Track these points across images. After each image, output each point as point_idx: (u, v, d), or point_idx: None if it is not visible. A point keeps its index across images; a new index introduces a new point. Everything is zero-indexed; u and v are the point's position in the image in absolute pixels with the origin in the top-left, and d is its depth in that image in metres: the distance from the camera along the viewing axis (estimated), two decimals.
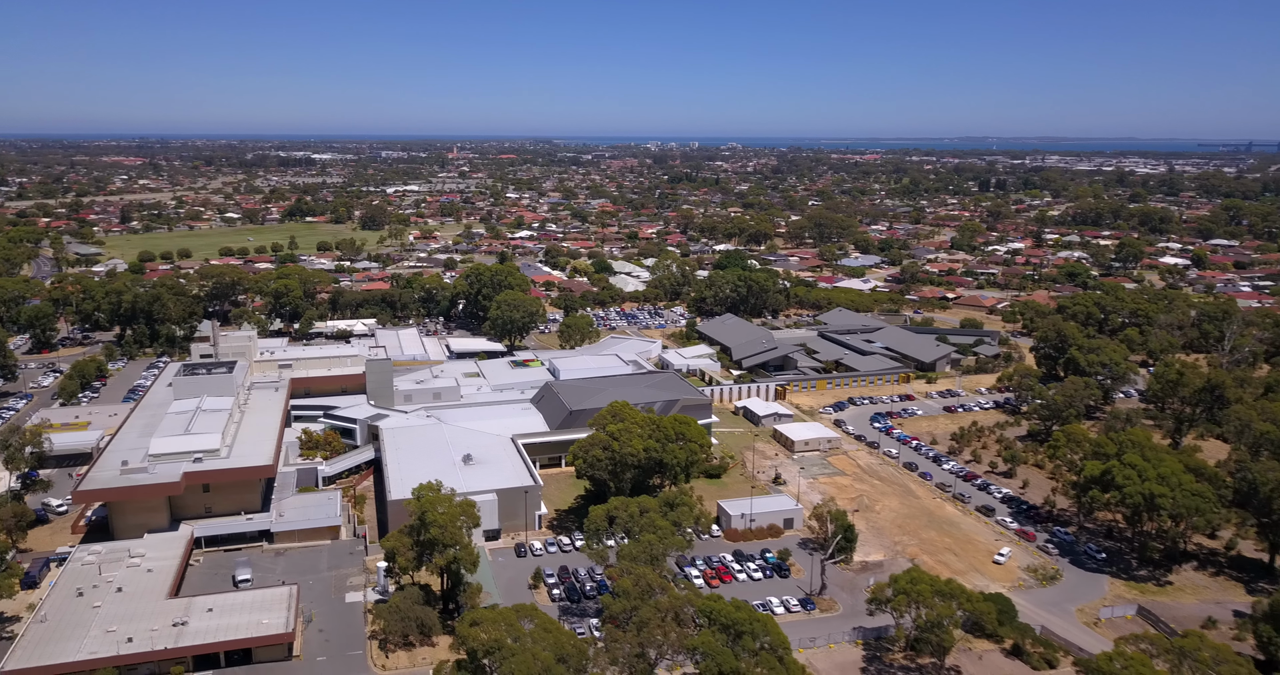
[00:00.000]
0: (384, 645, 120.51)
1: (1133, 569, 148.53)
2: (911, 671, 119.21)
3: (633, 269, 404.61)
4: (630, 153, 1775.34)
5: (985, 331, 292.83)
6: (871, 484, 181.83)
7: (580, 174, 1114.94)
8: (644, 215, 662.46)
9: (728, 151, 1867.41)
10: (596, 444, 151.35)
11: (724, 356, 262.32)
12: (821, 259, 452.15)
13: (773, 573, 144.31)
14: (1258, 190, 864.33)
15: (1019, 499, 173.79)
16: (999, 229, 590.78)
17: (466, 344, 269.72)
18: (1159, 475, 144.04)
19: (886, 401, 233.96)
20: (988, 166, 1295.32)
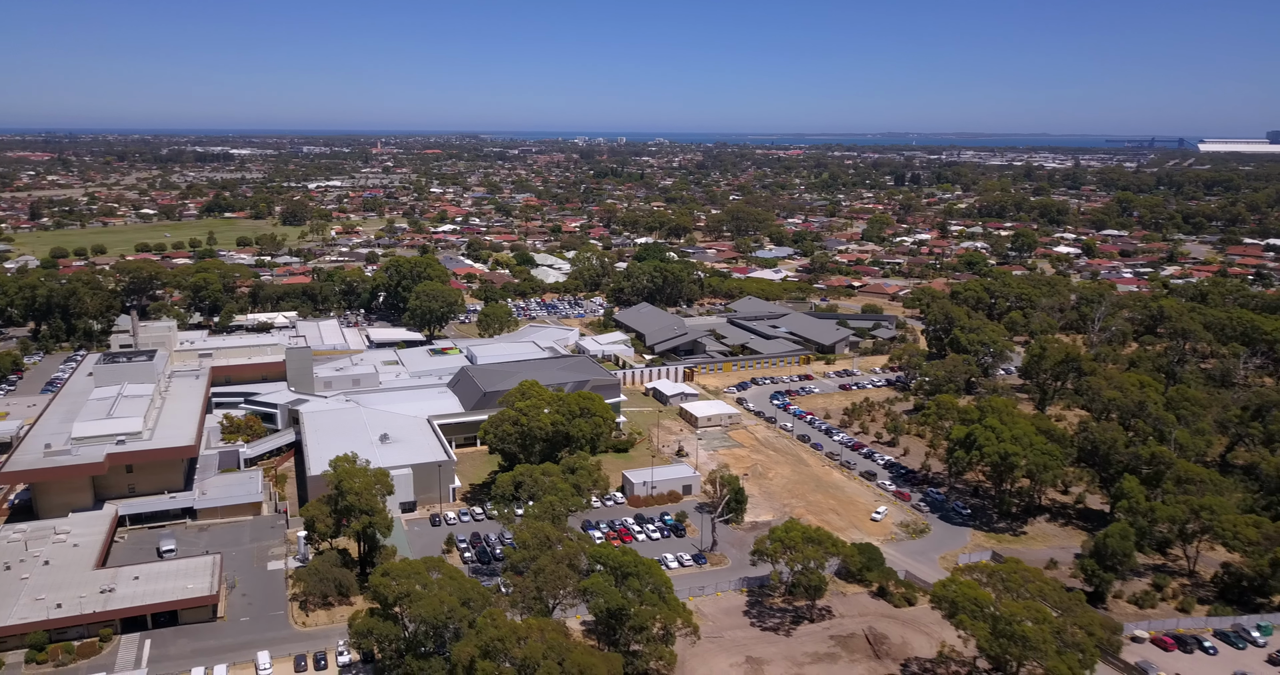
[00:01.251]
0: (304, 605, 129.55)
1: (993, 522, 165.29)
2: (788, 612, 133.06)
3: (555, 261, 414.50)
4: (558, 148, 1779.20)
5: (883, 316, 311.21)
6: (767, 454, 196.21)
7: (506, 169, 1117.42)
8: (568, 209, 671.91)
9: (655, 147, 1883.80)
10: (506, 420, 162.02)
11: (638, 343, 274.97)
12: (737, 251, 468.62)
13: (670, 533, 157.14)
14: (1152, 184, 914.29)
15: (899, 464, 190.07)
16: (909, 221, 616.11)
17: (386, 334, 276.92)
18: (1014, 436, 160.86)
19: (787, 381, 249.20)
20: (905, 161, 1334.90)
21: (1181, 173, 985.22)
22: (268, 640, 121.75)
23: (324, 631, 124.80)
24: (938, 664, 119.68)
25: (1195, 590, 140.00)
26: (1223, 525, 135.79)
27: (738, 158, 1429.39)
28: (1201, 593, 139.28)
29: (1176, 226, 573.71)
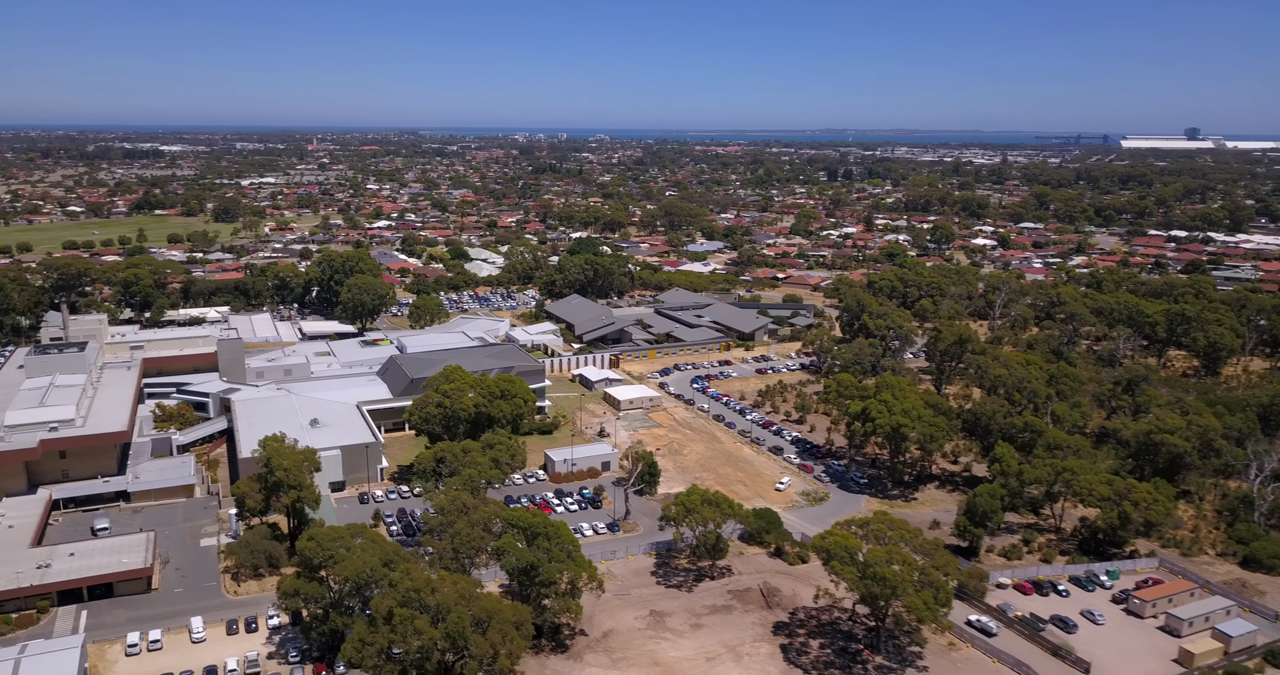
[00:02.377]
0: (236, 576, 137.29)
1: (888, 490, 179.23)
2: (691, 572, 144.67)
3: (489, 255, 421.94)
4: (497, 144, 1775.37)
5: (802, 305, 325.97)
6: (684, 433, 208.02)
7: (445, 165, 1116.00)
8: (505, 205, 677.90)
9: (595, 143, 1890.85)
10: (431, 402, 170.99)
11: (568, 333, 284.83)
12: (669, 245, 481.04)
13: (587, 505, 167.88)
14: (1072, 179, 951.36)
15: (805, 440, 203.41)
16: (837, 216, 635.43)
17: (319, 327, 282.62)
18: (904, 410, 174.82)
19: (707, 366, 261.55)
20: (840, 157, 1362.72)
21: (1100, 168, 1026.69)
22: (201, 608, 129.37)
23: (255, 599, 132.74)
24: (823, 611, 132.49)
25: (1059, 544, 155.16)
26: (1081, 484, 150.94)
27: (677, 154, 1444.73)
28: (1064, 545, 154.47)
29: (1088, 219, 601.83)
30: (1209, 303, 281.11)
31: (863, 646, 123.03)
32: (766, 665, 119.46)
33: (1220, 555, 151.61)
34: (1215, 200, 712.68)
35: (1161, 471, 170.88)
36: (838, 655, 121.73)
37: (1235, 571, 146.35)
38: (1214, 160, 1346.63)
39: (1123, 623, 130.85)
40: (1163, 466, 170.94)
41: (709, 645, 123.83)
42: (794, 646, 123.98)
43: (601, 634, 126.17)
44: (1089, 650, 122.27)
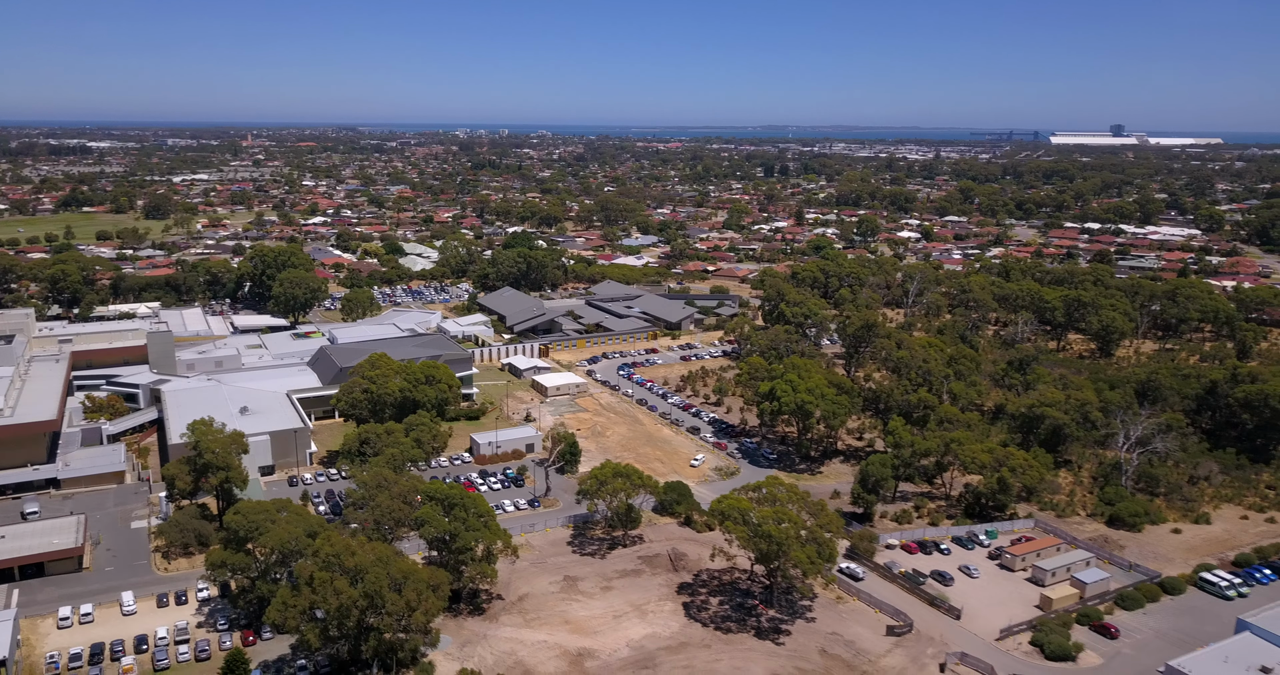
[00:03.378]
0: (166, 555, 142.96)
1: (795, 464, 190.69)
2: (605, 541, 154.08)
3: (424, 250, 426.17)
4: (438, 140, 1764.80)
5: (728, 296, 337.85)
6: (608, 417, 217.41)
7: (383, 161, 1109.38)
8: (443, 201, 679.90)
9: (536, 139, 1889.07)
10: (357, 387, 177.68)
11: (499, 324, 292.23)
12: (604, 239, 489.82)
13: (510, 484, 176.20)
14: (999, 174, 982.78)
15: (721, 421, 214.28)
16: (770, 210, 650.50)
17: (250, 321, 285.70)
18: (808, 389, 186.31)
19: (635, 355, 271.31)
20: (779, 153, 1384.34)
21: (1025, 164, 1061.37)
22: (132, 584, 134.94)
23: (185, 575, 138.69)
24: (724, 572, 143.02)
25: (948, 509, 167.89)
26: (965, 453, 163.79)
27: (618, 150, 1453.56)
28: (952, 511, 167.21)
29: (1009, 213, 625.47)
30: (1105, 289, 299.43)
31: (758, 602, 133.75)
32: (669, 620, 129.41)
33: (1091, 515, 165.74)
34: (1130, 194, 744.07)
35: (1045, 442, 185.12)
36: (734, 610, 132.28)
37: (1102, 529, 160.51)
38: (1135, 156, 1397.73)
39: (995, 575, 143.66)
40: (1046, 437, 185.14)
41: (617, 605, 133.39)
42: (695, 604, 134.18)
43: (517, 598, 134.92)
44: (963, 599, 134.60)
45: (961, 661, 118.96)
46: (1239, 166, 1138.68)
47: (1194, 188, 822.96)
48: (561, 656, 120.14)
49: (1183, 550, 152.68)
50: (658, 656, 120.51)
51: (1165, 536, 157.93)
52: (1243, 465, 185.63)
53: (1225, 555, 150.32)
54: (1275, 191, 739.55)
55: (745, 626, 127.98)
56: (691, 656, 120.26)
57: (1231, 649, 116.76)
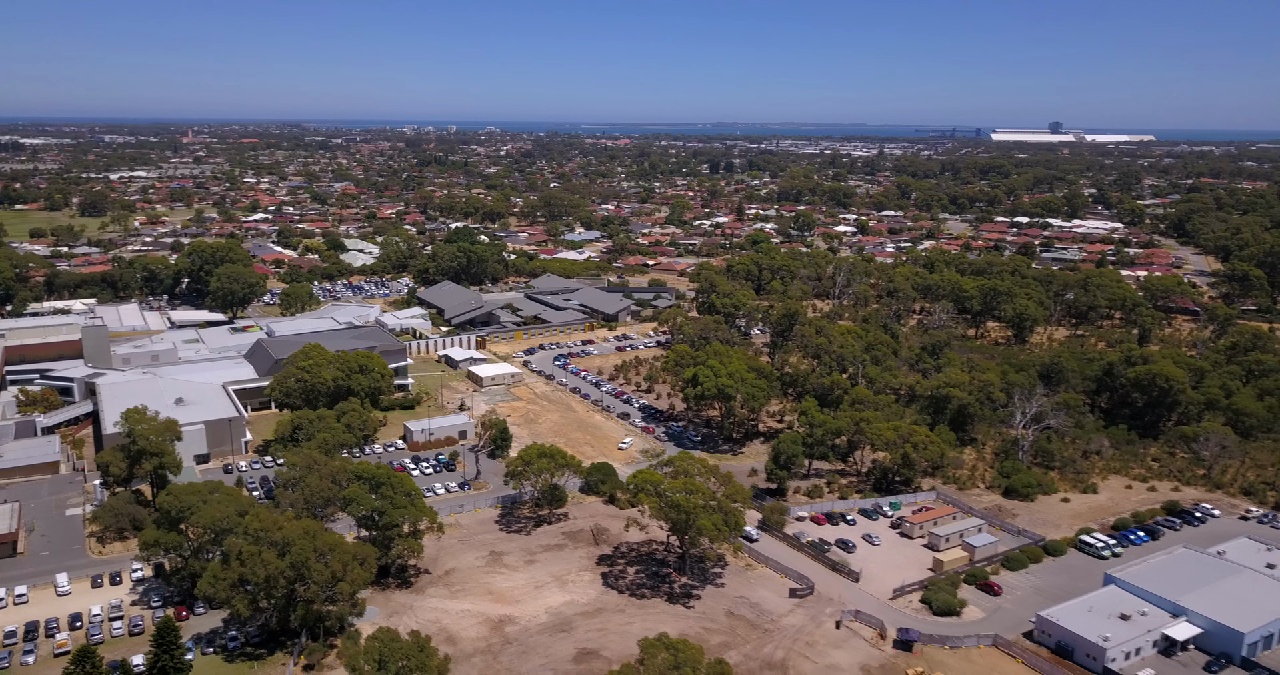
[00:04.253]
0: (101, 539, 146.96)
1: (718, 446, 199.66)
2: (532, 519, 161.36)
3: (365, 246, 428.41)
4: (384, 137, 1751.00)
5: (664, 288, 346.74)
6: (541, 405, 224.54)
7: (327, 158, 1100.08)
8: (387, 197, 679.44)
9: (485, 136, 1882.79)
10: (291, 376, 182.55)
11: (437, 317, 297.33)
12: (547, 234, 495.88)
13: (442, 469, 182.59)
14: (937, 170, 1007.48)
15: (651, 406, 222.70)
16: (712, 206, 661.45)
17: (188, 316, 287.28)
18: (729, 373, 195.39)
19: (571, 345, 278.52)
20: (725, 150, 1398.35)
21: (962, 160, 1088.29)
22: (66, 567, 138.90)
23: (120, 558, 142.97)
24: (643, 545, 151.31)
25: (858, 484, 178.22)
26: (872, 431, 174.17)
27: (567, 147, 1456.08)
28: (862, 486, 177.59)
29: (943, 207, 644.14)
30: (1022, 280, 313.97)
31: (672, 570, 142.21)
32: (587, 589, 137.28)
33: (989, 488, 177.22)
34: (1061, 190, 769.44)
35: (952, 421, 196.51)
36: (649, 578, 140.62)
37: (998, 500, 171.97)
38: (1071, 153, 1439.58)
39: (896, 543, 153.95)
40: (953, 417, 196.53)
41: (539, 576, 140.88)
42: (613, 573, 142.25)
43: (444, 572, 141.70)
44: (863, 564, 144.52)
45: (856, 618, 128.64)
46: (1167, 162, 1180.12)
47: (1121, 183, 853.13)
48: (483, 623, 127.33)
49: (1069, 517, 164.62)
50: (574, 621, 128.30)
51: (1055, 505, 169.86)
52: (1132, 440, 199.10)
53: (1106, 520, 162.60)
54: (1196, 187, 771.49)
55: (659, 593, 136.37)
56: (606, 620, 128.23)
57: (1096, 599, 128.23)
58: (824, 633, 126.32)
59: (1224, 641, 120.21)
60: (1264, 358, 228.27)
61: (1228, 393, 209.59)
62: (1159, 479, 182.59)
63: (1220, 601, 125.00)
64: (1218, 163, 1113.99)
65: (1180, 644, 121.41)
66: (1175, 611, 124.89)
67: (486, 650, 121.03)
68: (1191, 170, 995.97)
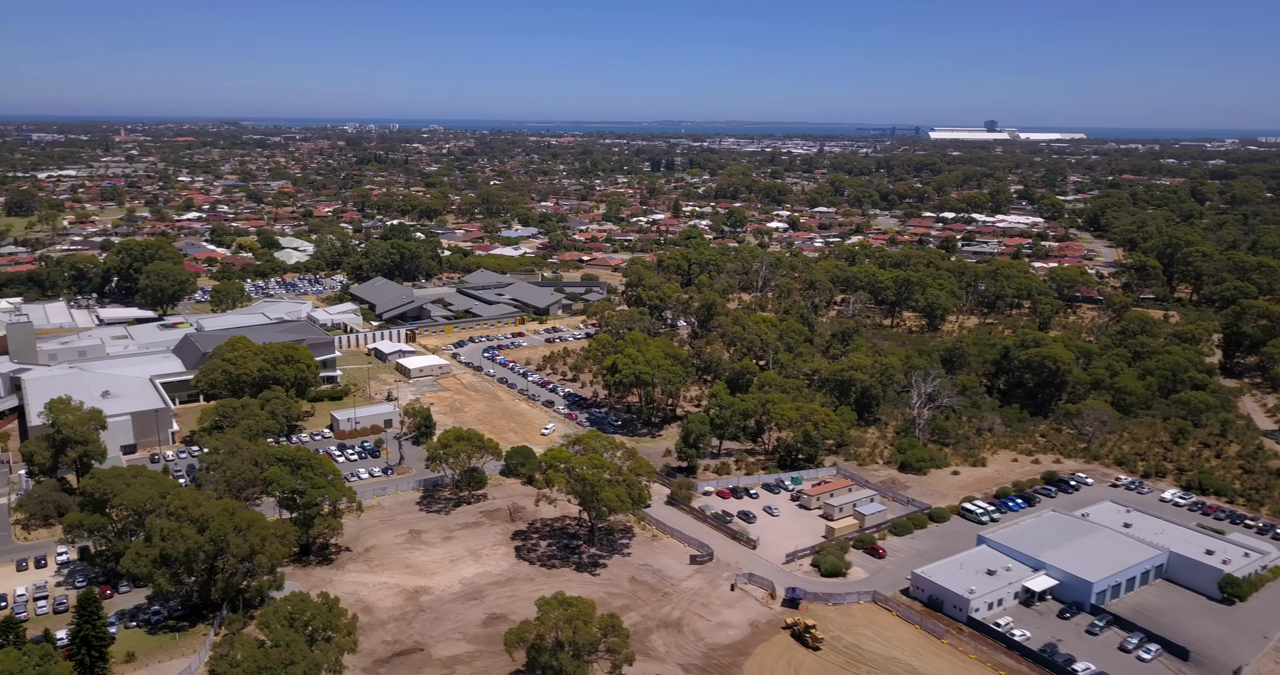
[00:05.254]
0: (26, 526, 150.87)
1: (638, 430, 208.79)
2: (452, 500, 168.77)
3: (300, 244, 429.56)
4: (325, 135, 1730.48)
5: (596, 282, 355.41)
6: (468, 395, 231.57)
7: (265, 157, 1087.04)
8: (324, 195, 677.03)
9: (428, 134, 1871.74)
10: (216, 368, 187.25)
11: (369, 312, 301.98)
12: (484, 231, 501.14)
13: (367, 455, 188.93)
14: (872, 167, 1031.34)
15: (576, 394, 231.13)
16: (651, 203, 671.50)
17: (117, 313, 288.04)
18: (646, 360, 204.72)
19: (501, 338, 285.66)
20: (668, 148, 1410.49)
21: (896, 158, 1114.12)
22: None
23: (45, 543, 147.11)
24: (556, 521, 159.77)
25: (765, 462, 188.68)
26: (776, 412, 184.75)
27: (510, 145, 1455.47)
28: (768, 463, 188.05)
29: (874, 203, 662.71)
30: (936, 271, 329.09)
31: (582, 542, 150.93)
32: (500, 561, 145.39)
33: (887, 463, 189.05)
34: (989, 186, 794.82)
35: (857, 402, 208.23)
36: (560, 550, 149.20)
37: (894, 474, 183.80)
38: (1004, 150, 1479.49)
39: (795, 513, 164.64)
40: (857, 398, 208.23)
41: (455, 551, 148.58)
42: (527, 547, 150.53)
43: (364, 549, 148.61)
44: (761, 533, 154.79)
45: (749, 581, 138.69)
46: (1094, 159, 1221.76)
47: (1047, 180, 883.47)
48: (399, 594, 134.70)
49: (957, 488, 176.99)
50: (486, 590, 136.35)
51: (945, 478, 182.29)
52: (1024, 418, 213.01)
53: (990, 490, 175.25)
54: (1115, 183, 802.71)
55: (568, 562, 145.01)
56: (516, 588, 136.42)
57: (967, 558, 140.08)
58: (719, 595, 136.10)
59: (1076, 591, 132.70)
60: (1148, 341, 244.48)
61: (1113, 373, 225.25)
62: (1044, 453, 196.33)
63: (1076, 557, 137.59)
64: (1141, 160, 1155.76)
65: (1038, 594, 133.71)
66: (1036, 566, 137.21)
67: (401, 617, 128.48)
68: (1115, 167, 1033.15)
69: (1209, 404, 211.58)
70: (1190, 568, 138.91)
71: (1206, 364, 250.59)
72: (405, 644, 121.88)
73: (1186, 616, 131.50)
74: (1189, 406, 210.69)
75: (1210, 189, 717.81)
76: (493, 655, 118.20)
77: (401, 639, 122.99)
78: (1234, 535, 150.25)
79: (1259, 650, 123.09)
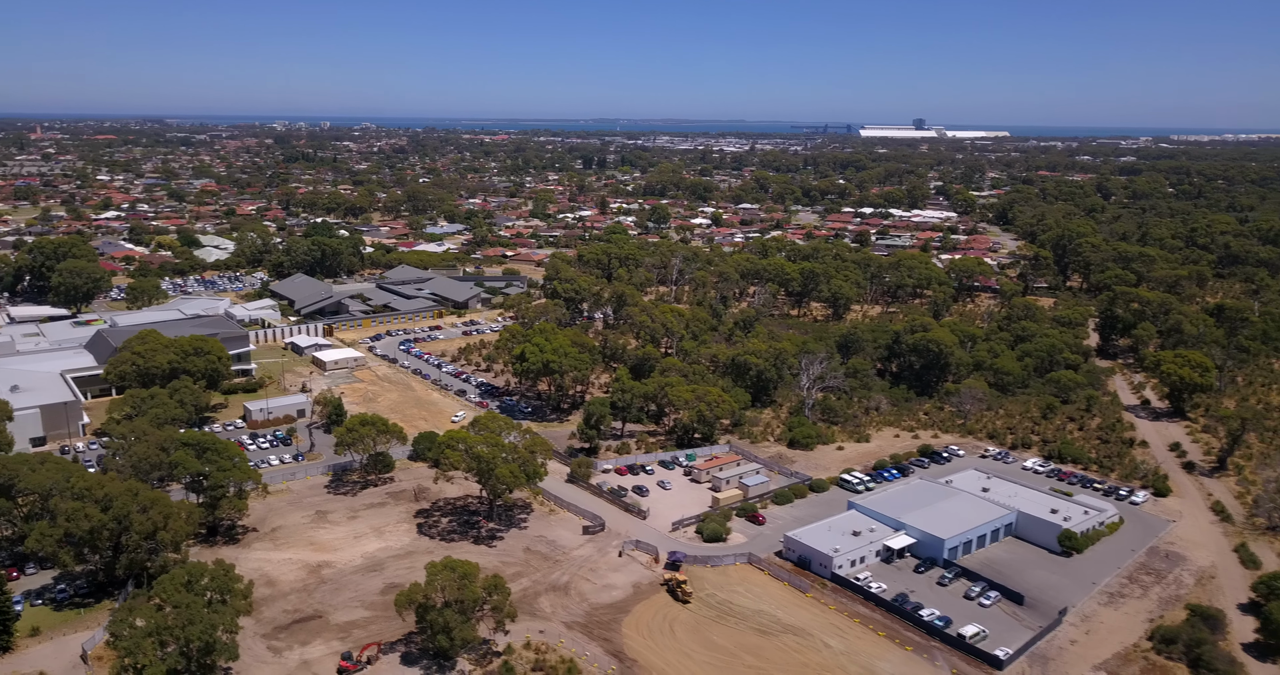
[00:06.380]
0: None
1: (547, 416, 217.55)
2: (359, 483, 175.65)
3: (221, 242, 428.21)
4: (253, 133, 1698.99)
5: (517, 277, 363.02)
6: (382, 386, 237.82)
7: (189, 155, 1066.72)
8: (249, 193, 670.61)
9: (359, 132, 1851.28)
10: (125, 361, 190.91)
11: (287, 308, 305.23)
12: (409, 228, 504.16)
13: (279, 443, 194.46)
14: (800, 164, 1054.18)
15: (489, 384, 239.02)
16: (579, 200, 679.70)
17: (28, 312, 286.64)
18: (553, 349, 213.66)
19: (419, 332, 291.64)
20: (602, 146, 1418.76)
21: (822, 156, 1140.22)
22: None
23: None
24: (459, 500, 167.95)
25: (665, 442, 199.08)
26: (673, 394, 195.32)
27: (442, 142, 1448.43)
28: (667, 443, 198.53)
29: (797, 200, 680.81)
30: (842, 262, 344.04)
31: (481, 518, 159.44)
32: (402, 537, 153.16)
33: (778, 440, 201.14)
34: (910, 183, 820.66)
35: (755, 385, 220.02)
36: (460, 525, 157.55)
37: (783, 450, 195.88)
38: (930, 147, 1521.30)
39: (686, 487, 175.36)
40: (753, 381, 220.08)
41: (359, 529, 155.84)
42: (429, 524, 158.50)
43: (270, 529, 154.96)
44: (653, 506, 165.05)
45: (636, 548, 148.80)
46: (1014, 156, 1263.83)
47: (966, 176, 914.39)
48: (302, 568, 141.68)
49: (840, 461, 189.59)
50: (386, 562, 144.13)
51: (830, 453, 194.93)
52: (910, 398, 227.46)
53: (869, 463, 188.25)
54: (1028, 179, 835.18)
55: (466, 536, 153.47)
56: (415, 560, 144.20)
57: (836, 521, 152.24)
58: (607, 560, 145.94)
59: (930, 548, 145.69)
60: (1030, 325, 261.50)
61: (994, 355, 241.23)
62: (925, 429, 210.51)
63: (933, 518, 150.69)
64: (1057, 157, 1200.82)
65: (898, 552, 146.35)
66: (897, 527, 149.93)
67: (302, 589, 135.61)
68: (1032, 164, 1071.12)
69: (1077, 382, 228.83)
70: (1035, 525, 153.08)
71: (1084, 347, 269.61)
72: (305, 612, 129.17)
73: (1029, 568, 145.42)
74: (1060, 385, 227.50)
75: (1115, 184, 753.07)
76: (388, 619, 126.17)
77: (301, 608, 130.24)
78: (1080, 496, 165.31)
79: (1086, 594, 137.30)
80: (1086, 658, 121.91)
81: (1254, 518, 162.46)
